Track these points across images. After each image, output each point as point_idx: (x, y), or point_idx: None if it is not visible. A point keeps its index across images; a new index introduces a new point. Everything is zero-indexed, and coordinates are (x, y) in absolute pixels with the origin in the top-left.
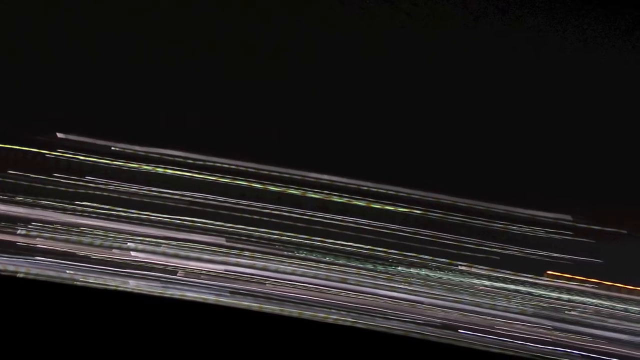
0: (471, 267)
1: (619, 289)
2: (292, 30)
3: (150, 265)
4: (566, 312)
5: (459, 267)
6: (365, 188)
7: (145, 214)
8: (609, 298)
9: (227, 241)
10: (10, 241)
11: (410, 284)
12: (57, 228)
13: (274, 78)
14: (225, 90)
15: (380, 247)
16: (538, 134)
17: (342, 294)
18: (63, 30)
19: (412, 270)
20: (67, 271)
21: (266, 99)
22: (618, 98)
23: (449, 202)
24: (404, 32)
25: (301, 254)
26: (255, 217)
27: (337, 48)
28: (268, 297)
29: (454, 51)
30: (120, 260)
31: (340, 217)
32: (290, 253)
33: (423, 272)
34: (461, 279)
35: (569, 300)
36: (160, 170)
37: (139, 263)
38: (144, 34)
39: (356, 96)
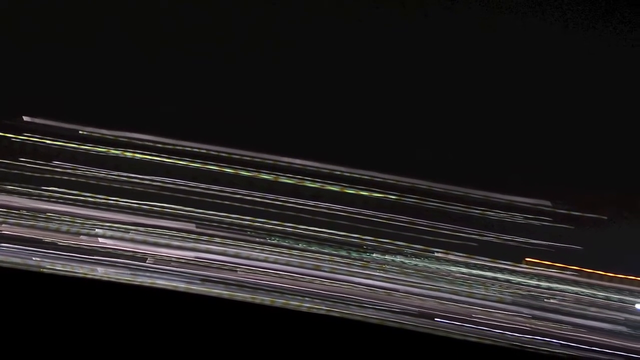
0: (448, 253)
1: (600, 277)
2: (266, 15)
3: (118, 252)
4: (545, 300)
5: (436, 254)
6: (339, 173)
7: (113, 200)
8: (590, 286)
9: (197, 227)
10: None
11: (385, 271)
12: (22, 214)
13: (247, 63)
14: (197, 75)
15: (354, 234)
16: (517, 118)
17: (316, 282)
18: (29, 13)
19: (387, 257)
20: (34, 258)
21: (238, 84)
22: (598, 82)
23: (424, 187)
24: (378, 13)
25: (273, 240)
26: (227, 202)
27: (309, 34)
28: (240, 285)
29: (431, 33)
30: (88, 247)
31: (313, 203)
32: (262, 240)
33: (399, 259)
34: (438, 266)
35: (549, 288)
36: (129, 154)
37: (107, 250)
38: (113, 17)
39: (329, 80)
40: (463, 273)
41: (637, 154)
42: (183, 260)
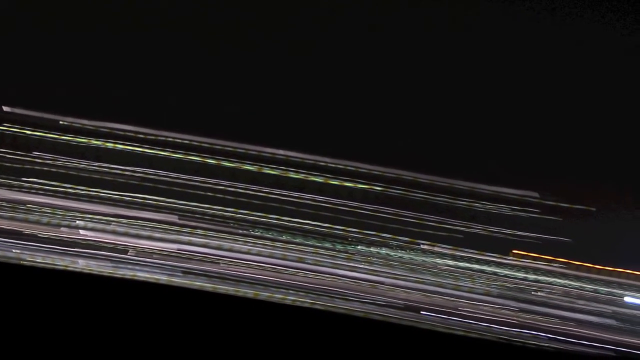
0: (434, 246)
1: (588, 269)
2: (248, 6)
3: (100, 244)
4: (533, 292)
5: (421, 246)
6: (323, 164)
7: (94, 191)
8: (578, 278)
9: (179, 219)
10: None
11: (370, 263)
12: (2, 205)
13: (230, 54)
14: (179, 63)
15: (339, 225)
16: (503, 108)
17: (300, 274)
18: (8, 3)
19: (372, 249)
20: (14, 250)
21: (221, 72)
22: (586, 72)
23: (410, 178)
24: (361, 5)
25: (257, 232)
26: (209, 194)
27: (289, 24)
28: (222, 277)
29: (412, 24)
30: (68, 239)
31: (297, 194)
32: (245, 231)
33: (384, 251)
34: (423, 259)
35: (536, 281)
36: (110, 145)
37: (89, 242)
38: (93, 6)
39: (313, 70)
40: (449, 265)
41: (625, 144)
42: (165, 253)
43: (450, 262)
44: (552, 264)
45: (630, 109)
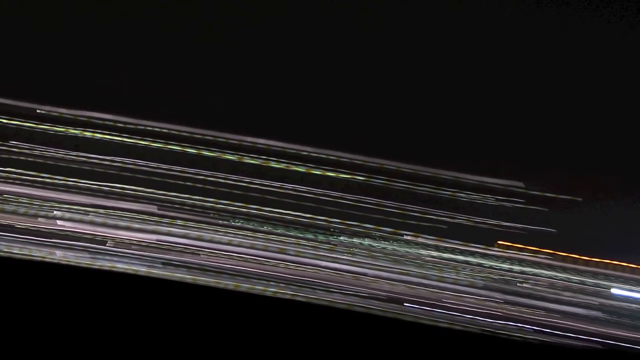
0: (417, 236)
1: (575, 260)
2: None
3: (77, 234)
4: (518, 284)
5: (405, 237)
6: (305, 153)
7: (72, 181)
8: (564, 269)
9: (159, 209)
10: None
11: (353, 254)
12: None
13: (211, 41)
14: (158, 50)
15: (321, 216)
16: (488, 97)
17: (281, 265)
18: None
19: (355, 240)
20: None
21: (201, 60)
22: (572, 59)
23: (393, 168)
24: None
25: (237, 222)
26: (189, 184)
27: (273, 13)
28: (202, 269)
29: (397, 10)
30: (46, 230)
31: (278, 184)
32: (225, 222)
33: (366, 242)
34: (407, 250)
35: (521, 272)
36: (88, 134)
37: (66, 233)
38: None
39: (295, 59)
40: (433, 256)
41: (612, 134)
42: (144, 243)
43: (434, 253)
44: (537, 255)
45: (617, 99)
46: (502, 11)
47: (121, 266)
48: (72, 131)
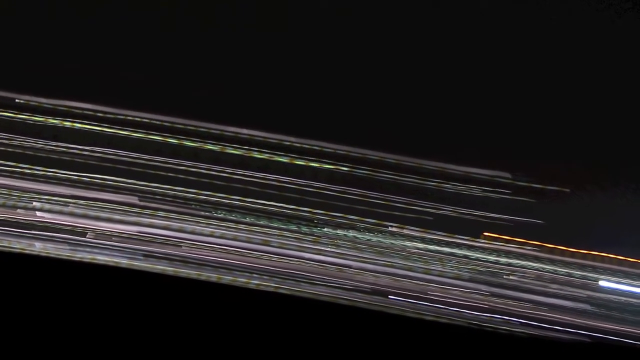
0: (402, 228)
1: (562, 252)
2: None
3: (57, 226)
4: (505, 276)
5: (390, 229)
6: (288, 143)
7: (52, 171)
8: (551, 261)
9: (140, 200)
10: None
11: (337, 246)
12: None
13: (191, 29)
14: (140, 40)
15: (304, 207)
16: (474, 85)
17: (264, 257)
18: None
19: (339, 231)
20: None
21: (183, 50)
22: (560, 49)
23: (377, 158)
24: None
25: (220, 214)
26: (171, 174)
27: (254, 3)
28: (184, 261)
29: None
30: (25, 221)
31: (261, 175)
32: (208, 213)
33: (351, 233)
34: (392, 241)
35: (508, 264)
36: (68, 124)
37: (46, 224)
38: None
39: (278, 47)
40: (418, 248)
41: (601, 123)
42: (125, 235)
43: (420, 245)
44: (524, 247)
45: (605, 88)
46: (486, 0)
47: (102, 258)
48: (52, 121)
